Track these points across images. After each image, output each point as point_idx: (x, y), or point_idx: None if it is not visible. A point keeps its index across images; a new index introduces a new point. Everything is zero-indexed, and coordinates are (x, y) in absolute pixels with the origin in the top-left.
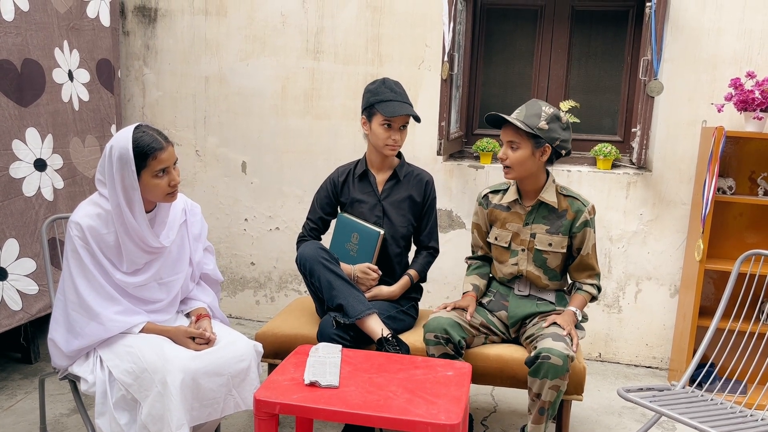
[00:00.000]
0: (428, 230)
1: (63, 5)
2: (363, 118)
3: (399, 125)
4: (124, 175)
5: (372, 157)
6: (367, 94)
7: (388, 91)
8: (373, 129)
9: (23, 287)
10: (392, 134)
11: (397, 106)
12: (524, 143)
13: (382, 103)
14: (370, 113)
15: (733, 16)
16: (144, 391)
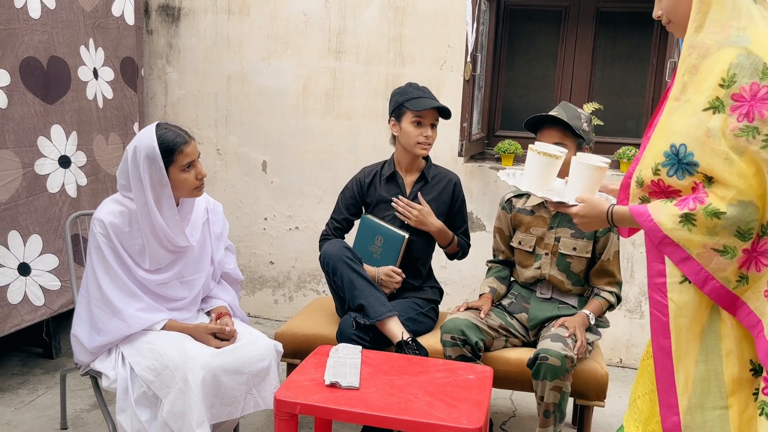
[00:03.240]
0: (463, 230)
1: (89, 3)
2: (392, 120)
3: (429, 122)
4: (153, 172)
5: (401, 159)
6: (395, 96)
7: (416, 90)
8: (403, 128)
9: (46, 283)
10: (423, 131)
11: (426, 101)
12: (570, 145)
13: (411, 101)
14: (399, 113)
15: None
16: (165, 388)
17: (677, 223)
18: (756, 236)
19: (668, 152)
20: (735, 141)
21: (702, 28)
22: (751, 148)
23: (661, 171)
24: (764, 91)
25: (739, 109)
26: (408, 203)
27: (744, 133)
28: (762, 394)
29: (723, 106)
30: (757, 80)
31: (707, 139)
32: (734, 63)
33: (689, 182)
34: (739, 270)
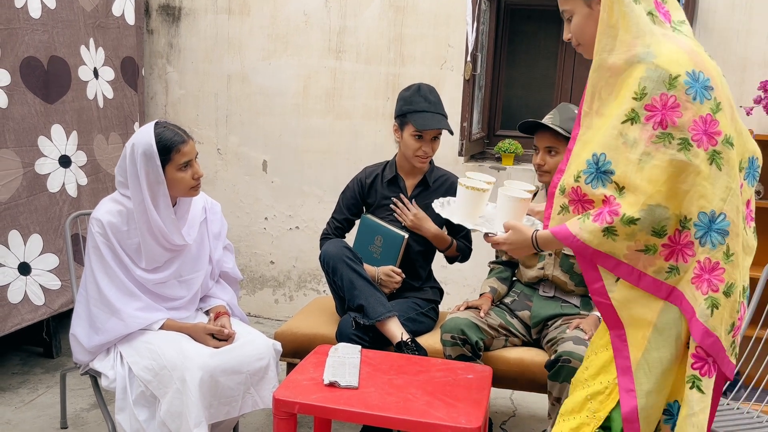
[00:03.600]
0: (464, 234)
1: (89, 3)
2: (395, 124)
3: (430, 137)
4: (149, 170)
5: (402, 163)
6: (400, 101)
7: (422, 101)
8: (404, 138)
9: (46, 282)
10: (423, 146)
11: (429, 119)
12: (563, 148)
13: (414, 114)
14: (402, 122)
15: (763, 17)
16: (163, 388)
17: (601, 237)
18: (675, 231)
19: (590, 161)
20: (652, 147)
21: (613, 51)
22: (668, 152)
23: (581, 178)
24: (673, 100)
25: (653, 118)
26: (405, 203)
27: (660, 139)
28: (690, 368)
29: (638, 116)
30: (665, 91)
31: (624, 148)
32: (644, 77)
33: (601, 193)
34: (668, 262)
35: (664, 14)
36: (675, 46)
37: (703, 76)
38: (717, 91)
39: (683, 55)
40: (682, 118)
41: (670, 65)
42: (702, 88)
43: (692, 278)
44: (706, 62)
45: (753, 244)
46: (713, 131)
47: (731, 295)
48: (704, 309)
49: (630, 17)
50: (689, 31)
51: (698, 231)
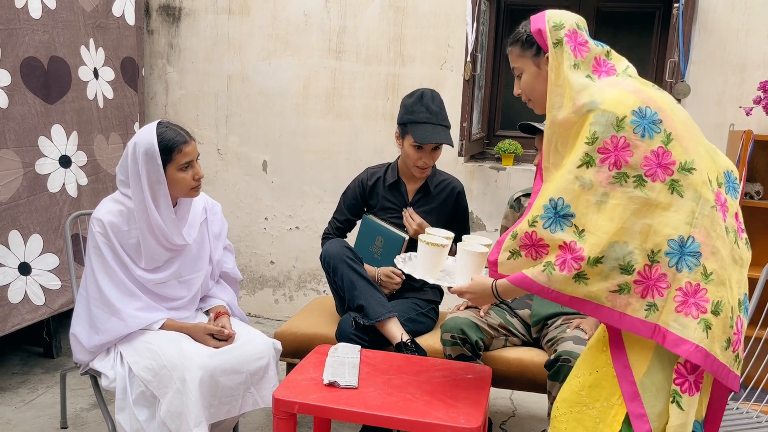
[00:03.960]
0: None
1: (89, 4)
2: (397, 132)
3: (431, 148)
4: (150, 169)
5: (404, 167)
6: (402, 108)
7: (424, 111)
8: (404, 147)
9: (46, 282)
10: (422, 156)
11: (429, 131)
12: None
13: (415, 125)
14: (404, 131)
15: (762, 17)
16: (163, 388)
17: (574, 284)
18: (645, 266)
19: (547, 205)
20: (609, 188)
21: (562, 107)
22: (626, 190)
23: (537, 223)
24: (623, 141)
25: (607, 160)
26: (411, 214)
27: (617, 179)
28: (673, 383)
29: (593, 160)
30: (615, 133)
31: (582, 191)
32: (593, 122)
33: (560, 238)
34: (644, 299)
35: (607, 71)
36: (618, 89)
37: (650, 110)
38: (667, 122)
39: (628, 96)
40: (634, 156)
41: (616, 107)
42: (650, 123)
43: (677, 307)
44: (653, 96)
45: (746, 255)
46: (667, 162)
47: (720, 313)
48: (700, 332)
49: (572, 78)
50: (634, 71)
51: (672, 259)
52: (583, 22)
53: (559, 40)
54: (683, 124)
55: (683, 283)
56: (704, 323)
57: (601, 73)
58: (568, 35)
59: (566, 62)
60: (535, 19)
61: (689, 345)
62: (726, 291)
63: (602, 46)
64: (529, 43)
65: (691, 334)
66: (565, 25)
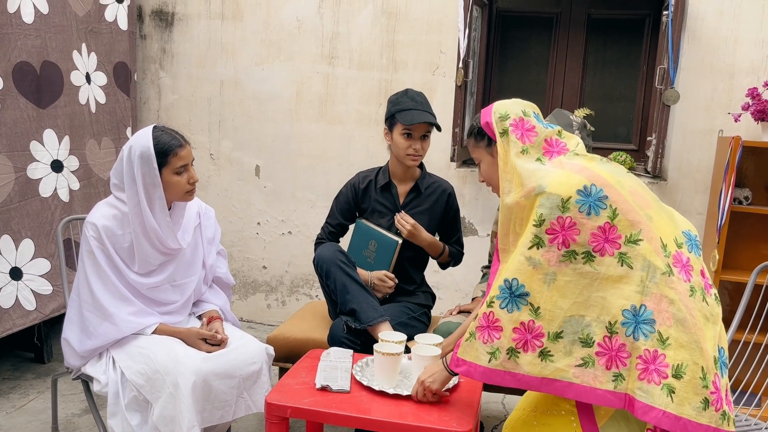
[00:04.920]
0: (455, 239)
1: (81, 8)
2: (385, 128)
3: (419, 134)
4: (145, 172)
5: (395, 169)
6: (389, 104)
7: (410, 101)
8: (394, 139)
9: (37, 287)
10: (413, 143)
11: (416, 114)
12: None
13: (402, 112)
14: (392, 123)
15: (750, 25)
16: (156, 393)
17: (541, 363)
18: (604, 338)
19: (503, 286)
20: (556, 267)
21: (510, 192)
22: (576, 267)
23: (494, 303)
24: (569, 221)
25: (556, 240)
26: (403, 216)
27: (566, 257)
28: None
29: (542, 241)
30: (561, 214)
31: (534, 270)
32: (539, 205)
33: (517, 318)
34: (610, 371)
35: (559, 151)
36: (563, 171)
37: (596, 187)
38: (612, 197)
39: (572, 176)
40: (581, 234)
41: (561, 189)
42: (595, 200)
43: (639, 375)
44: (599, 172)
45: (717, 311)
46: (614, 237)
47: (683, 376)
48: (664, 398)
49: (518, 164)
50: (583, 149)
51: (628, 328)
52: (531, 107)
53: (504, 130)
54: (632, 195)
55: (642, 351)
56: (667, 388)
57: (553, 154)
58: (514, 124)
59: (513, 150)
60: (484, 112)
61: (657, 411)
62: (690, 353)
63: (552, 127)
64: (481, 135)
65: (656, 401)
66: (510, 115)
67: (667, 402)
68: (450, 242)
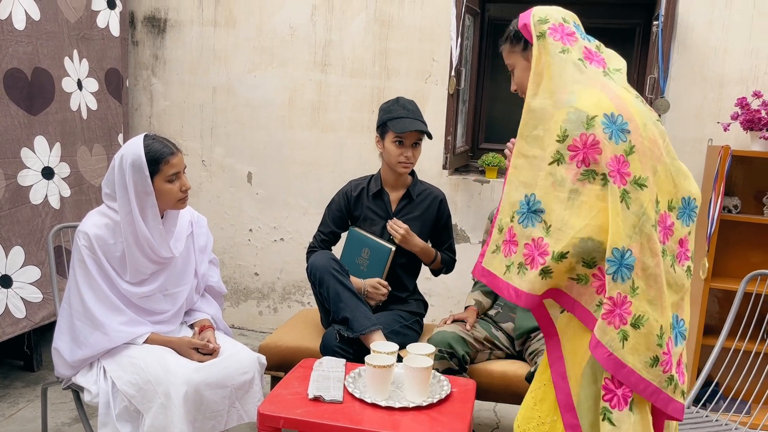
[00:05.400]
0: (447, 245)
1: (73, 15)
2: (377, 136)
3: (411, 142)
4: (137, 180)
5: (386, 176)
6: (380, 112)
7: (401, 109)
8: (386, 146)
9: (27, 295)
10: (404, 151)
11: (407, 123)
12: None
13: (393, 120)
14: (383, 131)
15: (739, 35)
16: (147, 403)
17: (540, 281)
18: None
19: (522, 201)
20: (578, 185)
21: (537, 95)
22: (593, 188)
23: (515, 218)
24: (592, 139)
25: (576, 157)
26: (396, 221)
27: (584, 176)
28: (602, 400)
29: (563, 157)
30: (584, 131)
31: (553, 188)
32: (564, 119)
33: (529, 234)
34: (599, 296)
35: (598, 61)
36: (598, 90)
37: (622, 119)
38: (634, 135)
39: (604, 99)
40: (602, 155)
41: (589, 108)
42: (618, 130)
43: (603, 314)
44: (630, 108)
45: (684, 282)
46: (624, 171)
47: (640, 327)
48: (617, 342)
49: (554, 68)
50: (622, 79)
51: (611, 267)
52: (572, 17)
53: (542, 32)
54: (651, 142)
55: (615, 293)
56: (622, 334)
57: (593, 61)
58: (553, 28)
59: (552, 50)
60: (522, 15)
61: (604, 350)
62: (652, 308)
63: (591, 40)
64: (517, 38)
65: (606, 341)
66: (549, 20)
67: (617, 346)
68: (442, 249)
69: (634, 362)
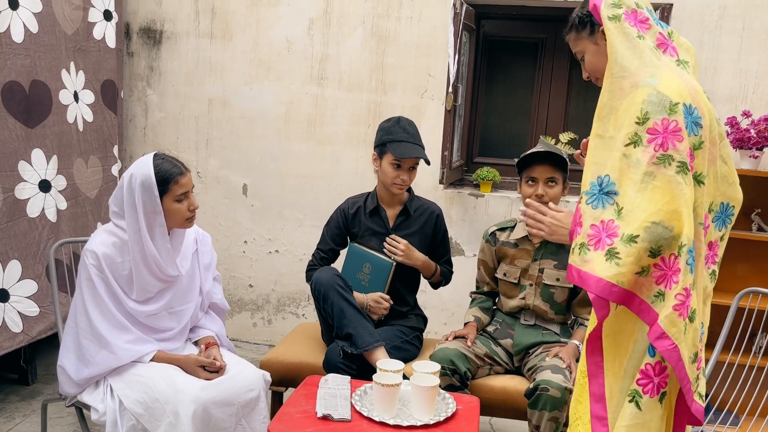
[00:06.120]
0: (445, 259)
1: (70, 27)
2: (374, 154)
3: (408, 166)
4: (146, 200)
5: (382, 193)
6: (380, 132)
7: (401, 132)
8: (383, 167)
9: (24, 309)
10: (401, 174)
11: (408, 148)
12: (560, 179)
13: (394, 143)
14: (382, 151)
15: (729, 55)
16: (155, 421)
17: (604, 263)
18: (671, 255)
19: (594, 182)
20: (652, 168)
21: (616, 75)
22: (667, 172)
23: (583, 198)
24: (674, 125)
25: (654, 141)
26: (394, 238)
27: (660, 161)
28: (635, 383)
29: (641, 139)
30: (666, 116)
31: (627, 169)
32: (646, 100)
33: (598, 216)
34: (658, 286)
35: (672, 48)
36: (677, 77)
37: (697, 113)
38: (705, 131)
39: (684, 88)
40: (683, 142)
41: (672, 93)
42: (693, 123)
43: (675, 305)
44: (702, 101)
45: (707, 285)
46: (692, 164)
47: (694, 321)
48: (681, 333)
49: (632, 51)
50: (693, 70)
51: (690, 257)
52: (644, 1)
53: (616, 15)
54: (711, 143)
55: (688, 284)
56: (684, 326)
57: (667, 49)
58: (627, 13)
59: (630, 33)
60: None
61: (668, 342)
62: (698, 305)
63: (664, 26)
64: (582, 23)
65: (673, 332)
66: (622, 4)
67: (681, 339)
68: (440, 262)
69: (685, 354)
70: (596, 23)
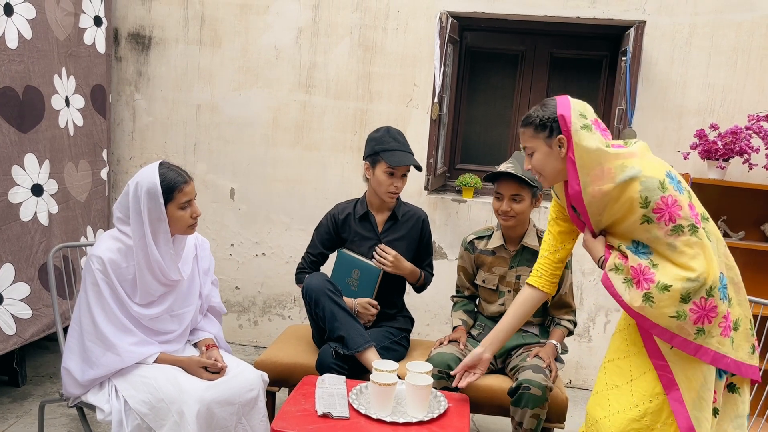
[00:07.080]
0: (427, 262)
1: (62, 33)
2: (366, 163)
3: (401, 173)
4: (152, 207)
5: (372, 199)
6: (371, 142)
7: (393, 141)
8: (376, 175)
9: (17, 312)
10: (394, 182)
11: (401, 156)
12: (526, 195)
13: (387, 152)
14: (375, 160)
15: (697, 71)
16: (160, 421)
17: (641, 301)
18: (701, 298)
19: (630, 246)
20: (671, 239)
21: (588, 184)
22: (683, 238)
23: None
24: (671, 199)
25: (663, 218)
26: (384, 248)
27: (674, 232)
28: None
29: (651, 218)
30: (663, 194)
31: (652, 240)
32: (641, 189)
33: (636, 260)
34: (696, 325)
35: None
36: (646, 160)
37: (672, 173)
38: (682, 181)
39: (656, 163)
40: (683, 210)
41: (654, 173)
42: (677, 183)
43: (721, 332)
44: (667, 165)
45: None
46: (695, 213)
47: (739, 327)
48: (729, 346)
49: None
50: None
51: (721, 292)
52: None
53: (586, 125)
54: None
55: (726, 311)
56: (731, 340)
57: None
58: (594, 122)
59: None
60: (560, 105)
61: (727, 360)
62: (742, 309)
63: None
64: (543, 126)
65: (724, 350)
66: (587, 115)
67: (729, 350)
68: (423, 266)
69: (742, 356)
70: (556, 130)
